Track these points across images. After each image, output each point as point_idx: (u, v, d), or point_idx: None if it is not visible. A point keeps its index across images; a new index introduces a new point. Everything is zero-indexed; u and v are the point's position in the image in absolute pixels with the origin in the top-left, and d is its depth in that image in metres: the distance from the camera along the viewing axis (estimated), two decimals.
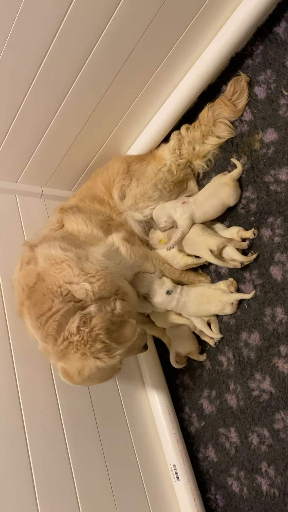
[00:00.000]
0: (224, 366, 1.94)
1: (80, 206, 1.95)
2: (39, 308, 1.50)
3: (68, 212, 1.89)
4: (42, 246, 1.67)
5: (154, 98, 2.00)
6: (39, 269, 1.57)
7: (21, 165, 2.06)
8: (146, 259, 1.93)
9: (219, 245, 1.82)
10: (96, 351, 1.46)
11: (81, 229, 1.82)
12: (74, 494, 1.61)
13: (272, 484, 1.75)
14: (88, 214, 1.90)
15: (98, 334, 1.47)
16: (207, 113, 1.98)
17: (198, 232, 1.89)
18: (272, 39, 1.81)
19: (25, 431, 1.59)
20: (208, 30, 1.81)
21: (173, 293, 1.90)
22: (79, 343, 1.46)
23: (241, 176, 1.91)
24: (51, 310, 1.49)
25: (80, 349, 1.46)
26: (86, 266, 1.60)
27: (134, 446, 1.94)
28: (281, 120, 1.78)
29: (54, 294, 1.51)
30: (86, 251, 1.69)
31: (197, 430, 2.05)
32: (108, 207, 1.99)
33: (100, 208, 1.96)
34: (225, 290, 1.88)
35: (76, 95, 1.79)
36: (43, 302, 1.50)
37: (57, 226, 1.85)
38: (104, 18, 1.54)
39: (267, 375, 1.78)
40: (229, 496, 1.90)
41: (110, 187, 2.00)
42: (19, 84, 1.68)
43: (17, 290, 1.66)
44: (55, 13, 1.46)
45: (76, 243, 1.72)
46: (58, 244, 1.64)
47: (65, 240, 1.70)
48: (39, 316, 1.49)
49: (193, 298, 1.89)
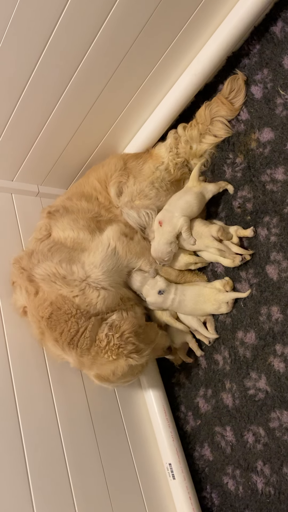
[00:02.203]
0: (220, 365, 1.94)
1: (67, 205, 1.93)
2: (67, 334, 1.62)
3: (55, 216, 1.88)
4: (38, 268, 1.70)
5: (151, 96, 2.00)
6: (50, 299, 1.65)
7: (17, 163, 2.06)
8: (142, 255, 1.92)
9: (218, 229, 1.83)
10: (128, 352, 1.62)
11: (67, 235, 1.82)
12: (70, 492, 1.61)
13: (267, 482, 1.76)
14: (75, 215, 1.89)
15: (129, 337, 1.63)
16: (204, 112, 1.98)
17: (199, 224, 1.91)
18: (269, 38, 1.81)
19: (21, 431, 1.58)
20: (205, 29, 1.81)
21: (167, 293, 1.89)
22: (111, 348, 1.61)
23: (237, 175, 1.91)
24: (79, 331, 1.63)
25: (113, 352, 1.61)
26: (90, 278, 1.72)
27: (130, 445, 1.94)
28: (277, 119, 1.79)
29: (75, 317, 1.63)
30: (79, 260, 1.75)
31: (193, 428, 2.05)
32: (96, 203, 1.97)
33: (87, 206, 1.94)
34: (220, 289, 1.88)
35: (73, 93, 1.78)
36: (69, 328, 1.62)
37: (44, 234, 1.85)
38: (101, 17, 1.53)
39: (262, 374, 1.78)
40: (225, 494, 1.91)
41: (106, 183, 1.99)
42: (16, 82, 1.67)
43: (33, 321, 1.70)
44: (49, 15, 1.46)
45: (67, 254, 1.76)
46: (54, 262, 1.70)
47: (56, 253, 1.74)
48: (70, 341, 1.62)
49: (190, 297, 1.89)
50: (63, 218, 1.87)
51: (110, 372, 1.63)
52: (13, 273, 1.79)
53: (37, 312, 1.66)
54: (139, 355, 1.64)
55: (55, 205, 1.98)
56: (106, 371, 1.64)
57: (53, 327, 1.62)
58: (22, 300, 1.75)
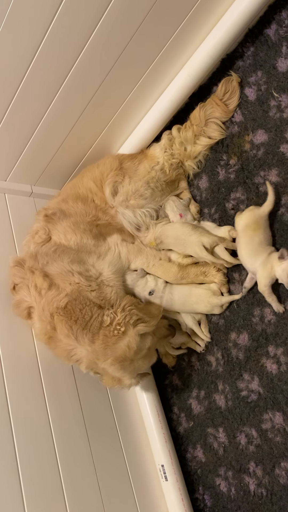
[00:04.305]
0: (213, 366, 1.94)
1: (63, 208, 1.93)
2: (82, 320, 1.65)
3: (53, 219, 1.88)
4: (51, 267, 1.74)
5: (145, 97, 1.99)
6: (65, 291, 1.69)
7: (10, 163, 2.05)
8: (140, 253, 1.93)
9: (211, 243, 1.82)
10: (134, 321, 1.65)
11: (70, 238, 1.84)
12: (62, 493, 1.60)
13: (259, 484, 1.76)
14: (74, 218, 1.89)
15: (131, 309, 1.68)
16: (198, 113, 1.98)
17: (189, 231, 1.88)
18: (263, 41, 1.82)
19: (13, 434, 1.57)
20: (199, 31, 1.81)
21: (156, 292, 1.89)
22: (117, 322, 1.64)
23: (230, 177, 1.92)
24: (92, 317, 1.67)
25: (120, 325, 1.63)
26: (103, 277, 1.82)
27: (123, 446, 1.94)
28: (271, 121, 1.79)
29: (89, 306, 1.69)
30: (88, 262, 1.81)
31: (185, 430, 2.05)
32: (92, 206, 1.97)
33: (84, 208, 1.94)
34: (216, 291, 1.87)
35: (68, 92, 1.78)
36: (83, 315, 1.66)
37: (44, 238, 1.85)
38: (96, 16, 1.53)
39: (255, 376, 1.79)
40: (217, 496, 1.91)
41: (101, 183, 1.99)
42: (9, 81, 1.66)
43: (43, 318, 1.69)
44: (42, 18, 1.46)
45: (75, 255, 1.80)
46: (64, 262, 1.74)
47: (63, 255, 1.78)
48: (84, 327, 1.64)
49: (177, 297, 1.89)
50: (62, 221, 1.87)
51: (125, 348, 1.61)
52: (15, 275, 1.76)
53: (51, 305, 1.66)
54: (145, 323, 1.67)
55: (51, 207, 1.97)
56: (120, 349, 1.61)
57: (68, 315, 1.64)
58: (29, 300, 1.72)
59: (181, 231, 1.90)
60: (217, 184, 1.98)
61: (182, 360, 2.07)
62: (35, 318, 1.72)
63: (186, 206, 2.03)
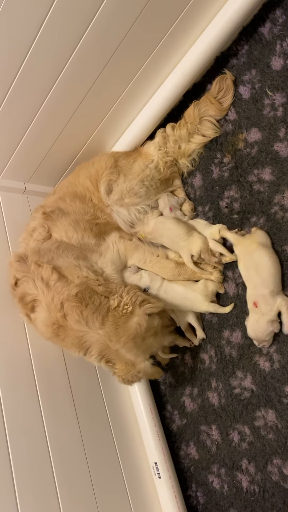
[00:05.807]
0: (206, 364, 1.95)
1: (61, 206, 1.92)
2: (92, 306, 1.70)
3: (52, 217, 1.88)
4: (58, 261, 1.77)
5: (139, 95, 1.99)
6: (75, 282, 1.73)
7: (3, 160, 2.03)
8: (137, 250, 1.94)
9: (198, 251, 1.85)
10: (139, 302, 1.73)
11: (71, 236, 1.86)
12: (55, 490, 1.61)
13: (252, 481, 1.77)
14: (74, 217, 1.89)
15: (136, 291, 1.78)
16: (193, 111, 1.98)
17: (183, 236, 1.89)
18: (257, 39, 1.82)
19: (5, 429, 1.57)
20: (193, 29, 1.81)
21: (151, 289, 1.90)
22: (124, 303, 1.72)
23: (224, 175, 1.92)
24: (101, 303, 1.73)
25: (127, 305, 1.71)
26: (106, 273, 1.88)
27: (116, 444, 1.94)
28: (265, 120, 1.80)
29: (98, 295, 1.74)
30: (91, 259, 1.86)
31: (178, 427, 2.05)
32: (90, 205, 1.97)
33: (82, 207, 1.94)
34: (213, 290, 1.87)
35: (62, 89, 1.77)
36: (93, 302, 1.71)
37: (45, 235, 1.85)
38: (89, 14, 1.53)
39: (248, 373, 1.79)
40: (210, 493, 1.91)
41: (97, 181, 1.98)
42: (3, 78, 1.65)
43: (51, 308, 1.69)
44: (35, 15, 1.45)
45: (79, 252, 1.83)
46: (70, 257, 1.79)
47: (68, 251, 1.81)
48: (94, 311, 1.69)
49: (171, 297, 1.89)
50: (61, 219, 1.87)
51: (136, 325, 1.67)
52: (17, 270, 1.76)
53: (61, 294, 1.68)
54: (151, 303, 1.75)
55: (48, 205, 1.96)
56: (131, 327, 1.67)
57: (79, 301, 1.68)
58: (34, 292, 1.71)
59: (176, 233, 1.90)
60: (211, 182, 1.98)
61: (176, 358, 2.07)
62: (40, 310, 1.71)
63: (179, 205, 2.04)
